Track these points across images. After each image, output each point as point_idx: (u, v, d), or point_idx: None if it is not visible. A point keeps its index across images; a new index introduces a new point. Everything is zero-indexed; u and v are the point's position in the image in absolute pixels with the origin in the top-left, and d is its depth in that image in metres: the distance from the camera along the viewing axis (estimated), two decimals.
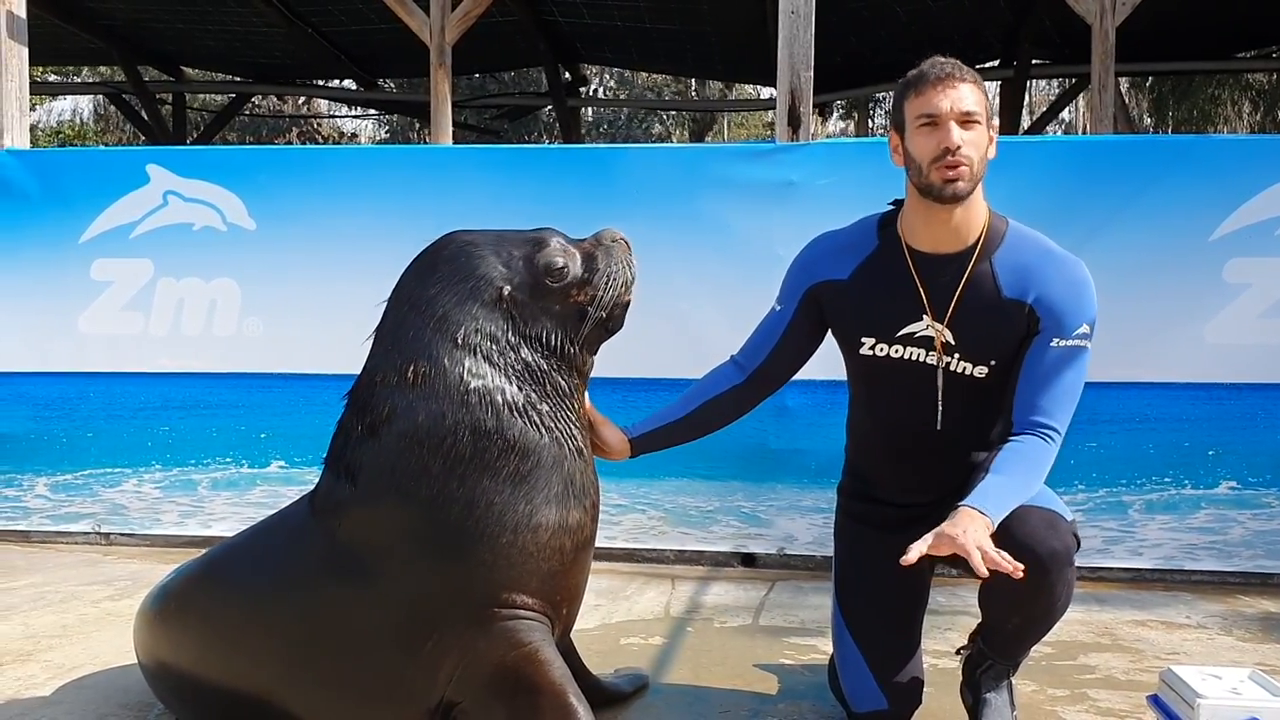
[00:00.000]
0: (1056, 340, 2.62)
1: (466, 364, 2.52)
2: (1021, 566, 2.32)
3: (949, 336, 2.69)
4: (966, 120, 2.56)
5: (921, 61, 2.66)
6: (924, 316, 2.70)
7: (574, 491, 2.58)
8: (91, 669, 3.39)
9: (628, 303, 2.74)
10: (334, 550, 2.52)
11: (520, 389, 2.55)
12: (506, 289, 2.59)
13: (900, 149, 2.69)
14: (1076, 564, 2.61)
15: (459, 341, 2.53)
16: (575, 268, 2.67)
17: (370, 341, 2.64)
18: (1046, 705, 3.13)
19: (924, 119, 2.59)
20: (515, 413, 2.53)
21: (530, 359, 2.59)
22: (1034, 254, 2.68)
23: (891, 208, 2.81)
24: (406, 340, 2.57)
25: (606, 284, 2.68)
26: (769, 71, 6.71)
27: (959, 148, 2.54)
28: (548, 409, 2.58)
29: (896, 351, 2.75)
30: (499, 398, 2.52)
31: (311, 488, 2.68)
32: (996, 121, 2.68)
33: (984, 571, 2.30)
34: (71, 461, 5.32)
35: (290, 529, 2.67)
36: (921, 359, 2.73)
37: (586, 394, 2.77)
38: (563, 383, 2.62)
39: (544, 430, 2.55)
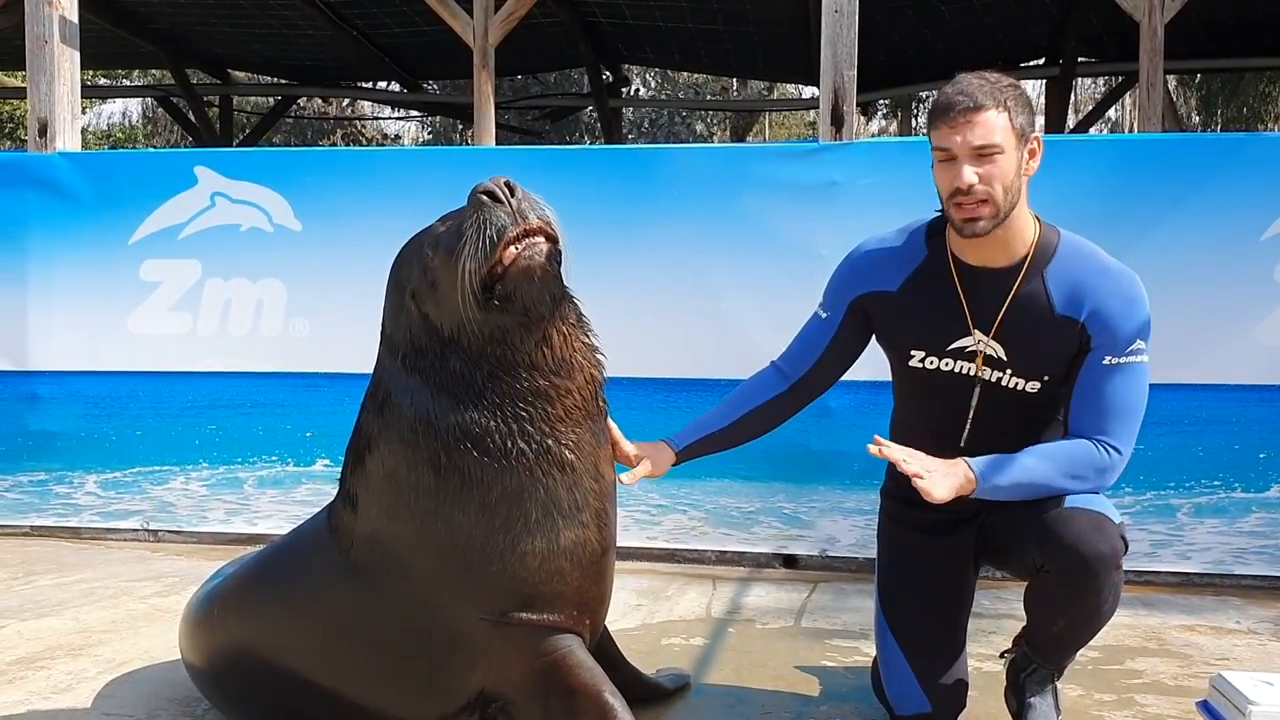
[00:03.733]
0: (1110, 358, 2.58)
1: (412, 393, 2.33)
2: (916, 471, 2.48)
3: (1000, 352, 2.66)
4: (983, 154, 2.48)
5: (960, 68, 2.60)
6: (974, 331, 2.67)
7: (560, 512, 2.35)
8: (141, 664, 3.43)
9: (524, 267, 2.21)
10: (351, 566, 2.51)
11: (463, 411, 2.27)
12: (409, 289, 2.37)
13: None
14: (1124, 567, 2.58)
15: (400, 362, 2.38)
16: (448, 237, 2.26)
17: None
18: (1093, 710, 3.09)
19: (940, 152, 2.53)
20: (462, 442, 2.28)
21: (461, 369, 2.29)
22: (1088, 269, 2.62)
23: (940, 214, 2.75)
24: (376, 363, 2.51)
25: (468, 249, 2.16)
26: (811, 70, 6.70)
27: (970, 187, 2.48)
28: (503, 427, 2.28)
29: (946, 365, 2.72)
30: (441, 425, 2.29)
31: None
32: (1038, 134, 2.59)
33: (903, 467, 2.48)
34: (121, 459, 5.40)
35: (317, 541, 2.65)
36: (971, 373, 2.71)
37: (613, 425, 2.57)
38: (517, 386, 2.29)
39: (501, 455, 2.28)
